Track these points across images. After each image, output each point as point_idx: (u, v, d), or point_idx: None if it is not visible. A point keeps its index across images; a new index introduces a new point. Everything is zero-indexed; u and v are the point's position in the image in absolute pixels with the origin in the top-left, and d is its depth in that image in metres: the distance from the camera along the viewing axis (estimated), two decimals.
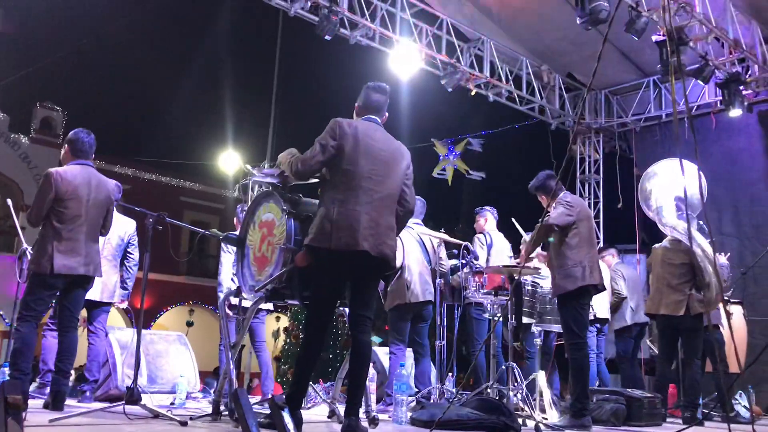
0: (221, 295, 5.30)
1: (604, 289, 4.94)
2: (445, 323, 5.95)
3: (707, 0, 8.47)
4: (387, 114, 4.05)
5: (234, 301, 4.14)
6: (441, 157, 12.86)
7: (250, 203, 4.26)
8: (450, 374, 6.70)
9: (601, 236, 11.89)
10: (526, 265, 4.76)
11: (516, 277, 4.76)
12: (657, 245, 6.38)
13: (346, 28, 8.91)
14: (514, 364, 4.97)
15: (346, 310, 4.06)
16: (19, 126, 20.96)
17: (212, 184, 23.99)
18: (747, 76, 9.91)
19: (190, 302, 24.04)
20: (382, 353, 6.97)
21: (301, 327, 13.76)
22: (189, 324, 23.53)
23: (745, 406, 7.08)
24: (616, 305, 7.59)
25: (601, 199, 12.03)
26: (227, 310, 5.11)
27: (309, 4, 8.40)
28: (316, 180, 3.95)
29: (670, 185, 6.55)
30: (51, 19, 20.79)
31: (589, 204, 11.96)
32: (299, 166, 3.78)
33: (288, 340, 15.25)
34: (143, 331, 6.06)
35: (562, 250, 4.76)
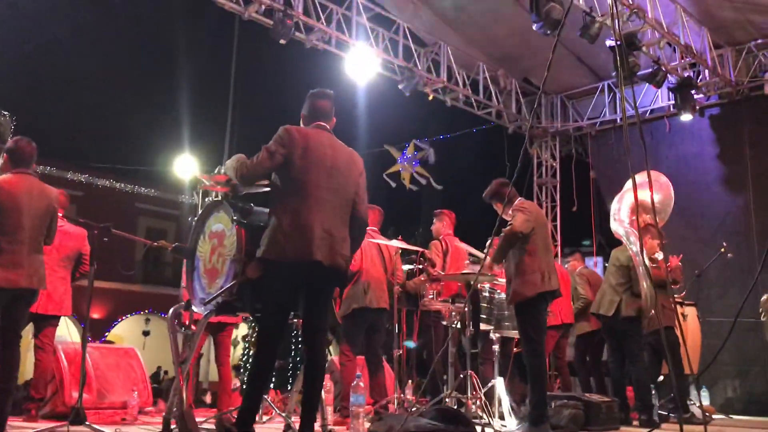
0: None
1: (560, 295, 4.92)
2: (403, 330, 5.87)
3: (659, 6, 8.57)
4: (335, 119, 3.96)
5: (197, 310, 3.99)
6: (398, 161, 12.86)
7: (199, 213, 4.13)
8: (409, 381, 6.64)
9: (558, 239, 11.98)
10: (482, 272, 4.70)
11: (473, 284, 4.70)
12: (614, 250, 6.49)
13: (302, 31, 8.80)
14: (472, 373, 4.92)
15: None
16: None
17: (168, 190, 23.57)
18: (698, 81, 10.09)
19: (146, 311, 23.57)
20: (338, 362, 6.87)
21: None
22: (145, 333, 23.09)
23: (699, 407, 7.17)
24: (582, 310, 7.59)
25: (558, 203, 12.13)
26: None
27: (263, 8, 8.26)
28: (268, 189, 3.85)
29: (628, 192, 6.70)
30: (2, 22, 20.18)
31: (546, 207, 12.05)
32: (245, 170, 3.67)
33: (246, 349, 15.03)
34: (93, 345, 5.88)
35: (520, 257, 4.73)
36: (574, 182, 11.79)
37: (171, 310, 4.04)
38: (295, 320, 4.09)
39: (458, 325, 5.43)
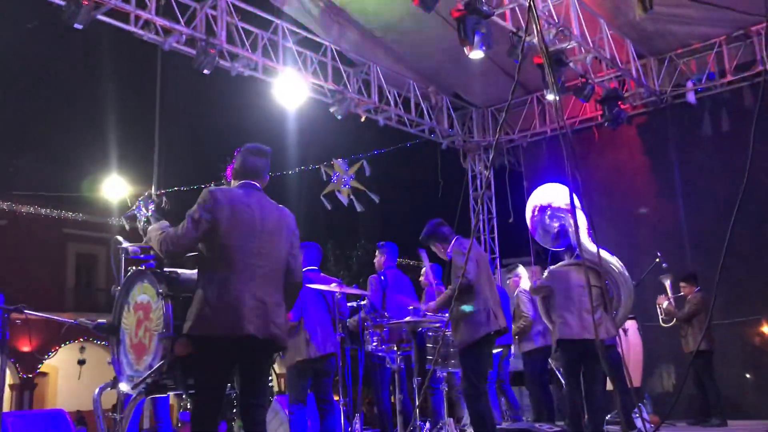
0: None
1: (507, 331, 4.85)
2: (349, 376, 5.70)
3: (583, 22, 8.67)
4: (268, 178, 3.76)
5: (125, 389, 3.72)
6: (332, 180, 12.68)
7: (122, 283, 3.87)
8: (357, 415, 6.50)
9: (496, 251, 12.04)
10: (426, 319, 4.60)
11: (418, 330, 4.59)
12: (558, 267, 6.27)
13: (227, 59, 8.54)
14: (424, 424, 4.81)
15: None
16: None
17: (97, 213, 22.74)
18: (624, 91, 10.28)
19: (80, 339, 22.67)
20: (285, 404, 6.67)
21: None
22: (81, 362, 22.23)
23: (644, 419, 7.27)
24: (525, 329, 7.54)
25: (495, 214, 12.19)
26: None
27: (184, 37, 7.98)
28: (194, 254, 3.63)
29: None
30: None
31: (483, 219, 12.09)
32: (170, 246, 3.42)
33: None
34: (15, 414, 5.52)
35: (465, 299, 4.64)
36: (509, 193, 11.87)
37: (97, 390, 3.77)
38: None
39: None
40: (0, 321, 4.61)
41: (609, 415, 7.28)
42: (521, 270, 8.27)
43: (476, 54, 7.70)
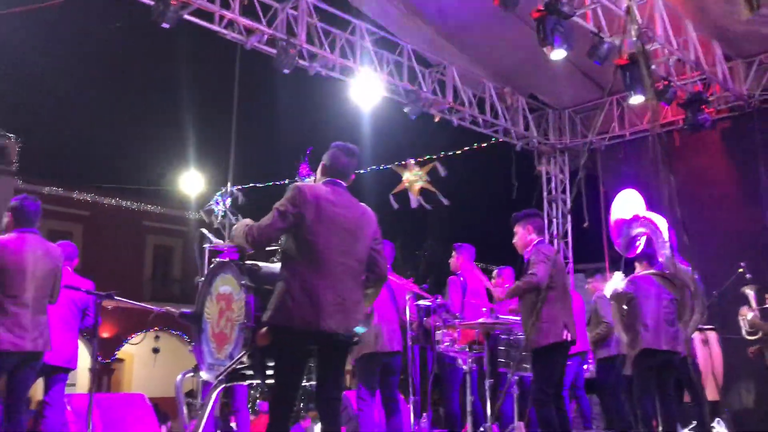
0: None
1: (574, 343, 4.77)
2: (417, 374, 5.70)
3: (667, 23, 8.42)
4: (353, 177, 3.82)
5: (206, 376, 3.85)
6: (404, 179, 12.70)
7: (205, 275, 4.00)
8: (424, 414, 6.49)
9: (570, 256, 11.82)
10: (500, 322, 4.57)
11: (491, 333, 4.57)
12: (640, 275, 6.07)
13: (305, 59, 8.68)
14: (494, 426, 4.78)
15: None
16: None
17: (174, 206, 23.49)
18: (708, 95, 9.93)
19: (156, 328, 23.46)
20: (354, 398, 6.73)
21: None
22: (155, 351, 23.00)
23: None
24: (604, 336, 7.39)
25: (569, 219, 11.97)
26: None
27: (266, 37, 8.15)
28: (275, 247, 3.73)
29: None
30: (3, 45, 20.18)
31: (557, 224, 11.90)
32: (256, 235, 3.53)
33: None
34: (101, 396, 5.77)
35: (537, 304, 4.59)
36: (584, 198, 11.63)
37: (179, 376, 3.91)
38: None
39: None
40: (93, 307, 4.85)
41: (686, 429, 7.06)
42: (601, 276, 8.11)
43: (557, 55, 7.58)
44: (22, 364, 4.24)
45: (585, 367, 7.73)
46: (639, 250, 6.48)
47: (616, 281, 5.96)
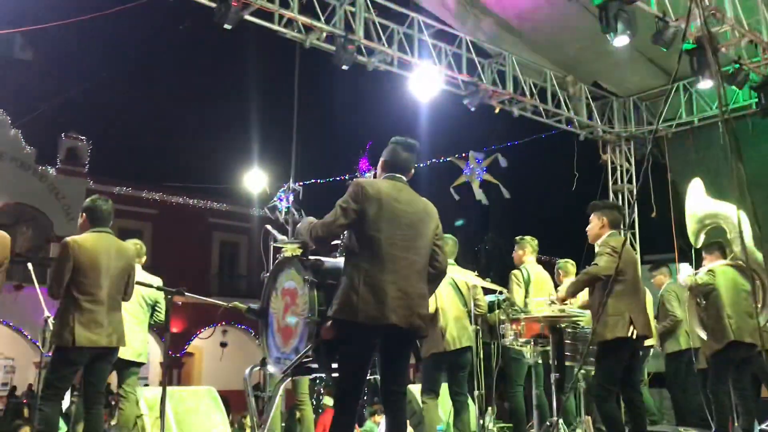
0: None
1: (649, 337, 4.66)
2: (482, 368, 5.66)
3: (738, 4, 8.11)
4: (413, 171, 3.82)
5: (272, 370, 3.93)
6: (464, 172, 12.63)
7: (270, 270, 4.07)
8: (489, 408, 6.45)
9: (637, 247, 11.52)
10: (564, 315, 4.50)
11: (557, 326, 4.51)
12: (722, 266, 5.91)
13: (363, 55, 8.71)
14: (561, 421, 4.72)
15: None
16: (46, 158, 21.12)
17: (239, 203, 23.97)
18: None
19: (223, 323, 24.02)
20: (417, 392, 6.74)
21: None
22: (223, 345, 23.54)
23: None
24: (671, 329, 7.20)
25: (636, 209, 11.67)
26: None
27: (324, 35, 8.22)
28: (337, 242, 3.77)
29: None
30: (71, 49, 20.97)
31: (624, 214, 11.61)
32: (320, 231, 3.57)
33: None
34: (172, 389, 5.94)
35: (604, 297, 4.50)
36: (651, 187, 11.31)
37: (247, 370, 3.99)
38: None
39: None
40: (162, 302, 5.00)
41: (763, 425, 6.82)
42: (667, 269, 7.90)
43: (620, 41, 7.42)
44: (97, 359, 4.41)
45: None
46: (710, 240, 6.28)
47: (687, 272, 5.78)
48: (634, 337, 4.46)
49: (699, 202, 6.56)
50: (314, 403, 9.98)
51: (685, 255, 11.23)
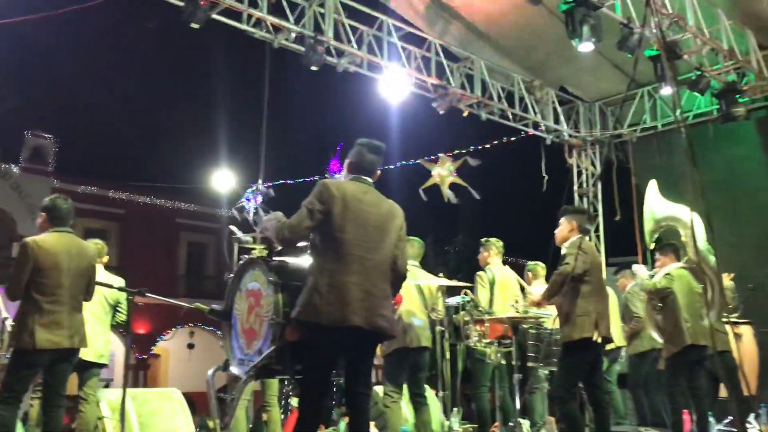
0: None
1: (611, 341, 4.74)
2: (447, 368, 5.71)
3: (699, 12, 8.28)
4: (379, 173, 3.84)
5: (236, 371, 3.91)
6: (434, 174, 12.67)
7: (234, 271, 4.06)
8: (455, 410, 6.50)
9: (602, 250, 11.69)
10: (527, 316, 4.56)
11: (520, 327, 4.56)
12: (677, 269, 6.00)
13: (333, 56, 8.71)
14: (524, 420, 4.77)
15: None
16: (10, 156, 20.72)
17: (207, 204, 23.77)
18: (743, 84, 9.74)
19: (190, 324, 23.80)
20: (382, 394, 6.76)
21: None
22: (190, 346, 23.33)
23: (759, 430, 6.90)
24: (637, 330, 7.31)
25: (600, 212, 11.84)
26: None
27: (293, 35, 8.20)
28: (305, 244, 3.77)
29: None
30: (37, 47, 20.62)
31: (593, 220, 11.77)
32: (286, 233, 3.57)
33: None
34: (135, 391, 5.88)
35: (572, 298, 4.57)
36: (615, 190, 11.48)
37: (210, 371, 3.97)
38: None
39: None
40: (126, 302, 4.95)
41: (721, 424, 6.96)
42: (630, 272, 8.01)
43: (585, 47, 7.51)
44: (58, 360, 4.35)
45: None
46: (663, 243, 6.39)
47: (645, 275, 5.88)
48: (599, 340, 4.53)
49: (656, 203, 6.67)
50: (282, 405, 9.93)
51: (647, 258, 11.48)
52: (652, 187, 6.81)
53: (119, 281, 5.42)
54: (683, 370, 5.82)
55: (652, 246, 6.61)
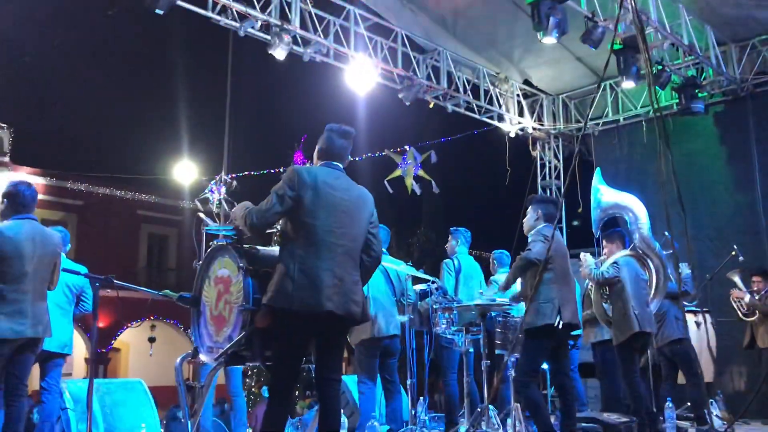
0: None
1: (577, 327, 4.82)
2: (414, 357, 5.73)
3: (661, 7, 8.44)
4: (349, 158, 3.84)
5: (205, 359, 3.87)
6: (399, 166, 12.71)
7: (203, 258, 4.02)
8: (421, 398, 6.53)
9: (564, 241, 11.84)
10: (495, 303, 4.61)
11: (487, 314, 4.61)
12: (624, 256, 6.01)
13: (299, 45, 8.66)
14: (491, 407, 4.83)
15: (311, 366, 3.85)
16: None
17: (169, 196, 23.43)
18: (702, 79, 9.97)
19: (151, 317, 23.47)
20: (353, 385, 6.75)
21: None
22: (151, 340, 23.01)
23: (717, 416, 7.09)
24: (594, 318, 7.41)
25: (563, 204, 11.99)
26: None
27: (259, 23, 8.12)
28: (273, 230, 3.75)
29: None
30: None
31: (559, 209, 11.92)
32: (254, 219, 3.54)
33: None
34: (99, 381, 5.79)
35: (535, 285, 4.63)
36: (578, 183, 11.66)
37: (178, 359, 3.93)
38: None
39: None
40: (89, 292, 4.85)
41: (679, 410, 7.12)
42: (580, 258, 8.13)
43: (549, 40, 7.60)
44: (21, 350, 4.26)
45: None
46: (610, 230, 6.48)
47: (591, 263, 5.91)
48: (560, 326, 4.60)
49: (602, 191, 6.76)
50: (246, 394, 9.89)
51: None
52: (597, 176, 6.89)
53: (83, 269, 5.32)
54: (633, 356, 5.90)
55: (597, 234, 6.70)
